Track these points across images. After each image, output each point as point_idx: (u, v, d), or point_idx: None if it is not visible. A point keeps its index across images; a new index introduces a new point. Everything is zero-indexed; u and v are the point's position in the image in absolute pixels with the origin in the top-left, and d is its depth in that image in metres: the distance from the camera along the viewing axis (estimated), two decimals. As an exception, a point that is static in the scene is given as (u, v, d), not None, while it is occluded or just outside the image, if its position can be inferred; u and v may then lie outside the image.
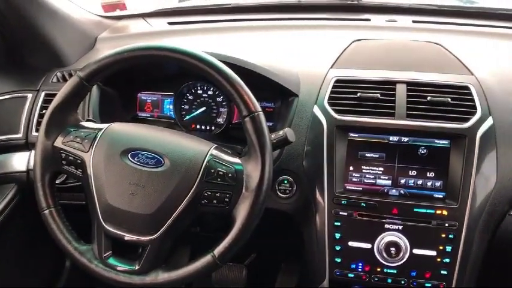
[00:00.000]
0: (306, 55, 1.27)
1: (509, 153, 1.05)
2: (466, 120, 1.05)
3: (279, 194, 1.13)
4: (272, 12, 1.57)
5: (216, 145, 0.96)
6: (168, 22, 1.58)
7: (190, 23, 1.55)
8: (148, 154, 0.93)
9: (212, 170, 0.90)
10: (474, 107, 1.07)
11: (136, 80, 1.32)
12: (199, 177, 0.90)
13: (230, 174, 0.91)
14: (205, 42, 1.37)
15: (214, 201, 0.91)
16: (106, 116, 1.24)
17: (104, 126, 0.98)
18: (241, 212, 0.89)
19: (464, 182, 1.03)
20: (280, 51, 1.28)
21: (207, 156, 0.92)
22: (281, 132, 0.97)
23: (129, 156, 0.93)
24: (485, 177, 1.04)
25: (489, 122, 1.05)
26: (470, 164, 1.03)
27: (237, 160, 0.93)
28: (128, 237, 0.92)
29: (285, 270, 1.63)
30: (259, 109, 0.92)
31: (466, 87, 1.09)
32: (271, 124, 1.24)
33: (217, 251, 0.90)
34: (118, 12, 1.64)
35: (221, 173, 0.90)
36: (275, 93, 1.21)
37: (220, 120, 1.30)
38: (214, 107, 1.30)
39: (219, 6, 1.64)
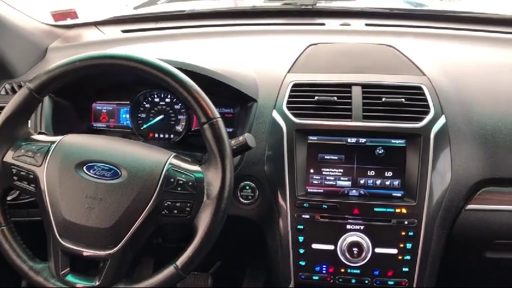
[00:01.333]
0: (263, 60, 1.27)
1: (462, 150, 1.09)
2: (420, 119, 1.08)
3: (241, 200, 1.12)
4: (228, 18, 1.57)
5: (175, 154, 0.94)
6: (122, 30, 1.55)
7: (145, 30, 1.53)
8: (104, 166, 0.90)
9: (172, 179, 0.89)
10: (427, 106, 1.10)
11: (90, 89, 1.28)
12: (158, 187, 0.88)
13: (190, 183, 0.89)
14: (161, 50, 1.35)
15: (175, 211, 0.89)
16: (59, 128, 1.20)
17: (57, 138, 0.95)
18: (203, 220, 0.88)
19: (421, 180, 1.06)
20: (237, 57, 1.28)
21: (166, 165, 0.90)
22: (241, 138, 0.96)
23: (85, 169, 0.90)
24: (441, 174, 1.07)
25: (442, 120, 1.08)
26: (426, 162, 1.06)
27: (197, 168, 0.92)
28: (87, 252, 0.89)
29: (250, 276, 1.63)
30: (218, 115, 0.91)
31: (419, 88, 1.12)
32: (231, 130, 1.24)
33: (180, 261, 0.88)
34: (69, 21, 1.60)
35: (181, 181, 0.89)
36: (234, 99, 1.21)
37: (179, 128, 1.28)
38: (172, 115, 1.28)
39: (174, 13, 1.63)
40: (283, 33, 1.44)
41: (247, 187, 1.12)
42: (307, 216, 1.08)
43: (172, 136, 1.29)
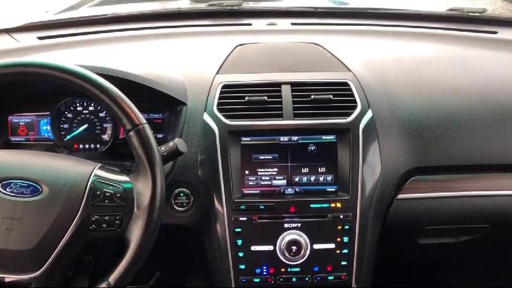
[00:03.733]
0: (191, 62, 1.24)
1: (389, 142, 1.12)
2: (348, 114, 1.10)
3: (176, 207, 1.08)
4: (152, 21, 1.52)
5: (100, 164, 0.89)
6: (38, 37, 1.45)
7: (64, 36, 1.44)
8: (22, 182, 0.84)
9: (98, 192, 0.84)
10: (354, 101, 1.12)
11: (5, 101, 1.19)
12: (83, 201, 0.83)
13: (118, 194, 0.85)
14: (81, 56, 1.28)
15: (104, 225, 0.84)
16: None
17: None
18: (135, 233, 0.84)
19: (353, 174, 1.07)
20: (162, 60, 1.24)
21: (91, 177, 0.85)
22: (171, 144, 0.93)
23: (0, 187, 0.83)
24: (371, 167, 1.10)
25: (369, 114, 1.11)
26: (356, 156, 1.08)
27: (125, 178, 0.88)
28: (9, 278, 0.82)
29: (192, 285, 1.59)
30: (144, 121, 0.87)
31: (346, 84, 1.14)
32: (161, 136, 1.20)
33: (113, 278, 0.83)
34: (-23, 29, 1.48)
35: (108, 194, 0.84)
36: (162, 103, 1.17)
37: (105, 136, 1.22)
38: (97, 124, 1.22)
39: (96, 17, 1.55)
40: (210, 34, 1.42)
41: (182, 194, 1.08)
42: (245, 219, 1.06)
43: (98, 146, 1.22)
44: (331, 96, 1.11)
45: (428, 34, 1.45)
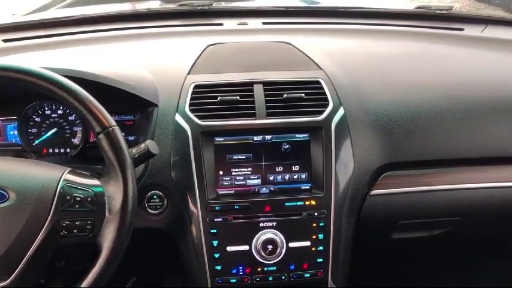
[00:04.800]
0: (161, 63, 1.23)
1: (361, 138, 1.13)
2: (321, 112, 1.11)
3: (149, 210, 1.07)
4: (122, 22, 1.50)
5: (70, 169, 0.88)
6: (3, 39, 1.41)
7: (30, 38, 1.41)
8: None
9: (68, 197, 0.82)
10: (326, 99, 1.13)
11: (-32, 106, 1.15)
12: (53, 207, 0.81)
13: (89, 199, 0.83)
14: (49, 58, 1.25)
15: (75, 231, 0.82)
16: None
17: None
18: (107, 237, 0.83)
19: (326, 171, 1.08)
20: (132, 61, 1.22)
21: (60, 182, 0.83)
22: (142, 146, 0.92)
23: None
24: (344, 164, 1.11)
25: (341, 112, 1.12)
26: (329, 153, 1.08)
27: (95, 182, 0.86)
28: None
29: (168, 286, 1.57)
30: (114, 123, 0.86)
31: (317, 82, 1.15)
32: (133, 138, 1.18)
33: (86, 283, 0.82)
34: None
35: (78, 198, 0.83)
36: (133, 105, 1.15)
37: (75, 140, 1.19)
38: (67, 127, 1.19)
39: (64, 19, 1.51)
40: (181, 34, 1.41)
41: (155, 196, 1.07)
42: (220, 219, 1.06)
43: (69, 150, 1.20)
44: (303, 94, 1.12)
45: (397, 32, 1.47)
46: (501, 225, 1.37)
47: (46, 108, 1.19)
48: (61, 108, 1.19)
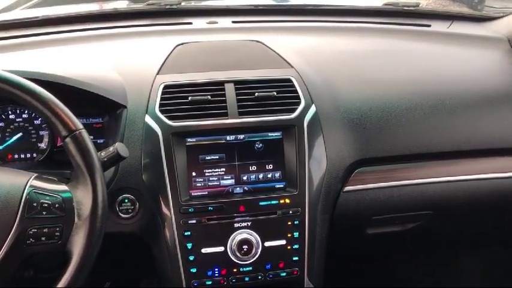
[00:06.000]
0: (129, 64, 1.20)
1: (333, 135, 1.14)
2: (293, 110, 1.10)
3: (121, 215, 1.04)
4: (89, 23, 1.46)
5: (36, 174, 0.85)
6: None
7: None
8: None
9: (34, 204, 0.79)
10: (298, 97, 1.13)
11: None
12: (19, 214, 0.78)
13: (57, 205, 0.81)
14: (11, 60, 1.21)
15: (43, 238, 0.80)
16: None
17: None
18: (77, 244, 0.80)
19: (300, 169, 1.08)
20: (100, 62, 1.19)
21: (26, 188, 0.80)
22: (111, 149, 0.90)
23: None
24: (317, 161, 1.11)
25: (313, 109, 1.12)
26: (302, 151, 1.08)
27: (63, 187, 0.83)
28: None
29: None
30: (81, 126, 0.83)
31: (289, 80, 1.15)
32: (102, 141, 1.15)
33: None
34: None
35: (46, 204, 0.80)
36: (101, 107, 1.12)
37: (42, 145, 1.16)
38: (32, 132, 1.15)
39: (29, 19, 1.46)
40: (149, 34, 1.38)
41: (126, 200, 1.05)
42: (194, 221, 1.04)
43: (35, 155, 1.16)
44: (275, 93, 1.12)
45: (366, 29, 1.48)
46: (472, 218, 1.40)
47: (10, 112, 1.14)
48: (26, 112, 1.15)
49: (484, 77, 1.31)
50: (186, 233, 1.04)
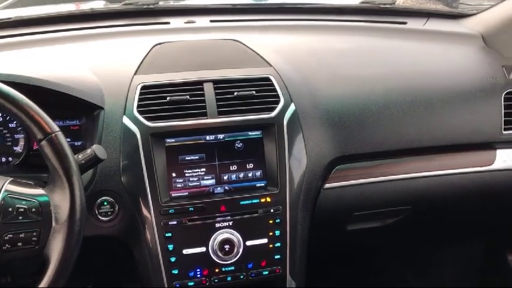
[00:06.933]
0: (106, 64, 1.18)
1: (313, 133, 1.14)
2: (272, 109, 1.11)
3: (100, 217, 1.03)
4: (65, 23, 1.44)
5: (11, 178, 0.83)
6: None
7: None
8: None
9: (10, 209, 0.78)
10: (277, 96, 1.13)
11: None
12: None
13: (34, 209, 0.79)
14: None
15: (20, 244, 0.78)
16: None
17: None
18: (55, 248, 0.79)
19: (280, 167, 1.08)
20: (76, 63, 1.17)
21: (1, 193, 0.79)
22: (89, 151, 0.88)
23: None
24: (298, 159, 1.11)
25: (292, 108, 1.12)
26: (282, 150, 1.09)
27: (40, 191, 0.82)
28: None
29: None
30: (57, 129, 0.82)
31: (267, 79, 1.15)
32: (80, 143, 1.13)
33: None
34: None
35: (22, 209, 0.78)
36: (77, 109, 1.10)
37: (17, 148, 1.13)
38: (7, 135, 1.13)
39: (2, 20, 1.43)
40: (126, 34, 1.36)
41: (105, 203, 1.03)
42: (175, 222, 1.04)
43: (11, 159, 1.13)
44: (254, 92, 1.11)
45: (343, 27, 1.49)
46: (452, 212, 1.43)
47: (-17, 115, 1.12)
48: (0, 115, 1.13)
49: (459, 73, 1.34)
50: (167, 235, 1.03)
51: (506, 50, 1.41)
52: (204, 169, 1.07)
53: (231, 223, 1.06)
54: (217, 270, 1.06)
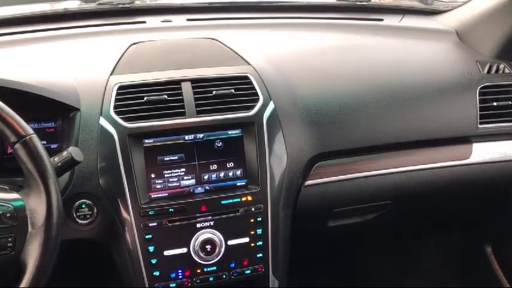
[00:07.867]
0: (82, 65, 1.16)
1: (293, 131, 1.14)
2: (252, 108, 1.10)
3: (78, 221, 1.01)
4: (39, 23, 1.41)
5: None
6: None
7: None
8: None
9: None
10: (256, 94, 1.12)
11: None
12: None
13: (8, 214, 0.77)
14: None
15: None
16: None
17: None
18: (32, 253, 0.77)
19: (261, 165, 1.08)
20: (51, 64, 1.15)
21: None
22: (65, 153, 0.87)
23: None
24: (278, 157, 1.11)
25: (271, 106, 1.12)
26: (262, 148, 1.09)
27: (14, 196, 0.80)
28: None
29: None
30: (31, 131, 0.80)
31: (246, 77, 1.15)
32: (56, 146, 1.11)
33: None
34: None
35: None
36: (53, 110, 1.08)
37: None
38: (-20, 139, 1.10)
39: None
40: (101, 34, 1.34)
41: (83, 205, 1.01)
42: (155, 224, 1.02)
43: (-16, 163, 1.11)
44: (232, 90, 1.11)
45: (320, 24, 1.50)
46: (430, 205, 1.45)
47: (-46, 119, 1.09)
48: (-28, 118, 1.09)
49: (435, 69, 1.35)
50: (147, 236, 1.02)
51: (480, 45, 1.44)
52: (183, 169, 1.07)
53: (212, 223, 1.05)
54: (199, 271, 1.05)
